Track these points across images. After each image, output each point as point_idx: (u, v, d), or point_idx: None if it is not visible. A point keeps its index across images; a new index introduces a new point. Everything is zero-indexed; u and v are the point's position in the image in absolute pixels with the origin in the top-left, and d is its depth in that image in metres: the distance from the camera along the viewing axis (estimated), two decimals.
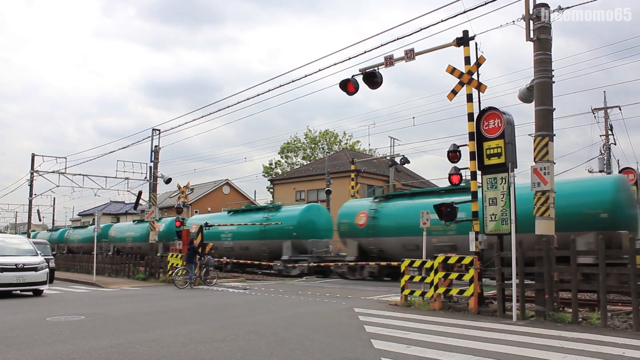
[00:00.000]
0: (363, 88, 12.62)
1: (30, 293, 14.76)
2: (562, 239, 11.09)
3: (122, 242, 36.00)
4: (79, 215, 63.32)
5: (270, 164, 56.92)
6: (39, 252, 15.69)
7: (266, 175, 55.07)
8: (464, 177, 13.05)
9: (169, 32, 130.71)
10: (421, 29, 11.72)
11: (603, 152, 27.85)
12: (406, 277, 11.69)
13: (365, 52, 12.93)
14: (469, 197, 11.68)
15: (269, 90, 16.47)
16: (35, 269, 14.27)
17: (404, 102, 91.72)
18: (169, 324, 9.03)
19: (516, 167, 10.40)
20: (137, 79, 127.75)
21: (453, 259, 10.99)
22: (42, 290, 14.78)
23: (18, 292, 14.58)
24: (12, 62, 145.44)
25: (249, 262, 25.17)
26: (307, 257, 22.72)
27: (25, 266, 14.07)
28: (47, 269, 14.90)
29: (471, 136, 11.13)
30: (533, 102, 10.24)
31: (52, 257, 20.36)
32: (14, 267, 13.88)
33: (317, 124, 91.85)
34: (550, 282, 9.34)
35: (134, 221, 38.15)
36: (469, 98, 11.37)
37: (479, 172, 11.10)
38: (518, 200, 9.84)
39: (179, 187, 22.48)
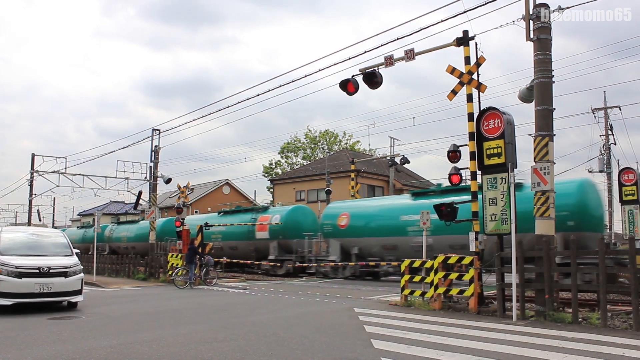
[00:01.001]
0: (363, 88, 12.63)
1: (65, 304, 11.24)
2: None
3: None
4: (79, 215, 63.38)
5: (270, 164, 56.96)
6: (74, 250, 12.13)
7: (266, 175, 55.08)
8: (463, 177, 13.00)
9: (169, 32, 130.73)
10: (421, 29, 11.74)
11: (603, 152, 27.87)
12: (406, 277, 11.70)
13: (365, 52, 12.94)
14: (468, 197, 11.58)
15: (269, 90, 16.50)
16: (64, 274, 10.76)
17: (404, 102, 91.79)
18: (169, 324, 9.03)
19: (516, 167, 10.41)
20: (136, 79, 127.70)
21: (453, 259, 10.99)
22: (76, 302, 11.16)
23: (45, 303, 10.87)
24: (12, 62, 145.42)
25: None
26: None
27: (51, 270, 10.59)
28: (81, 274, 11.32)
29: (471, 136, 11.13)
30: (533, 102, 10.25)
31: None
32: (36, 271, 10.47)
33: (317, 124, 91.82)
34: (550, 282, 9.35)
35: (219, 213, 27.87)
36: (469, 98, 11.38)
37: (479, 172, 11.11)
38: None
39: (179, 187, 22.49)
